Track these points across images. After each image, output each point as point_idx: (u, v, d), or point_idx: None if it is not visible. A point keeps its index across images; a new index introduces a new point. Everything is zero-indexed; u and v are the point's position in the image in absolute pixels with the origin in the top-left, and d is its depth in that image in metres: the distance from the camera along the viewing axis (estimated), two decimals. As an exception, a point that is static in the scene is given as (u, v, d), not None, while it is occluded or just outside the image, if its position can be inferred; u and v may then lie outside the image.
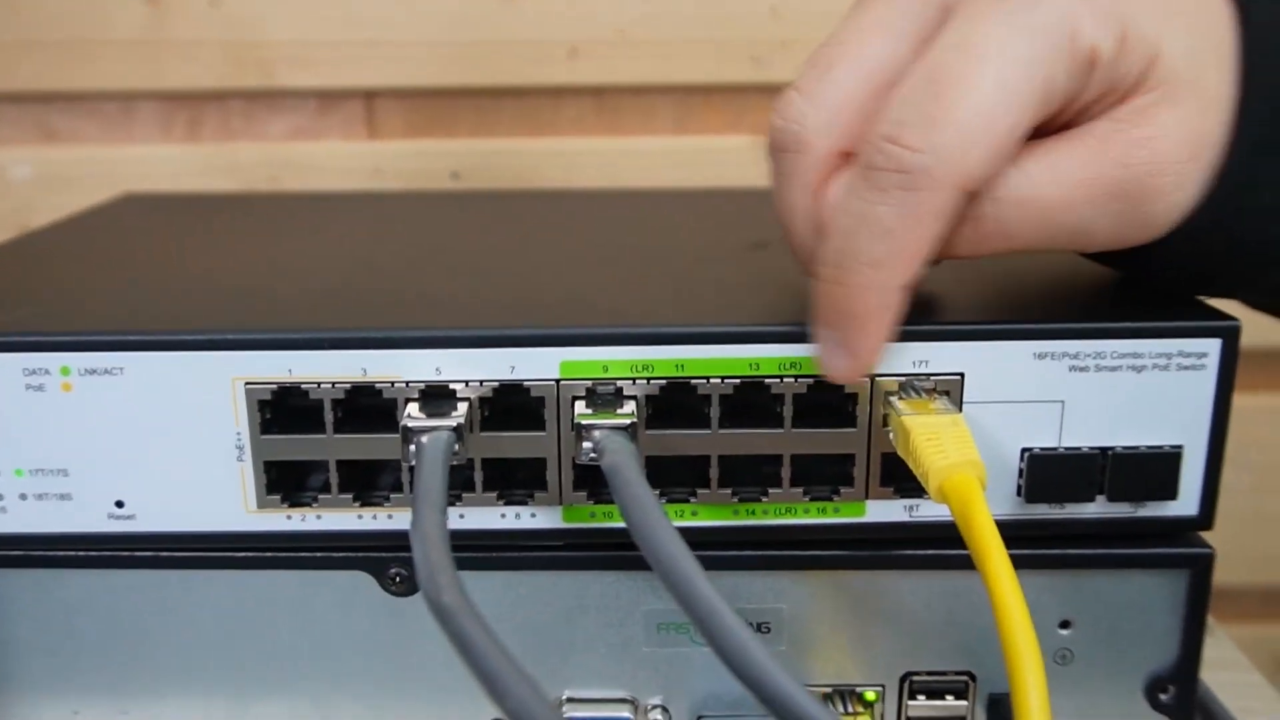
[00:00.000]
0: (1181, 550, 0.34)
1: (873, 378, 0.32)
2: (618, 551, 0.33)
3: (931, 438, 0.29)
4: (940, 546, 0.33)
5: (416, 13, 0.66)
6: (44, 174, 0.68)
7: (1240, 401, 0.60)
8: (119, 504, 0.33)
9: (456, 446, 0.30)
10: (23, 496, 0.33)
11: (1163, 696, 0.35)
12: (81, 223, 0.49)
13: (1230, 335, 0.32)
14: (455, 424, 0.31)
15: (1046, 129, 0.30)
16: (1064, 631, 0.35)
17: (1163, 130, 0.29)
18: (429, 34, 0.66)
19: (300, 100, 0.68)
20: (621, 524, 0.28)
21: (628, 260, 0.42)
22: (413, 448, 0.30)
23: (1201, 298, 0.34)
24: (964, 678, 0.35)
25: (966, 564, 0.28)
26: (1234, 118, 0.30)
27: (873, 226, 0.28)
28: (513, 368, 0.32)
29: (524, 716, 0.21)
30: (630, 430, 0.30)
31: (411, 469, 0.31)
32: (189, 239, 0.47)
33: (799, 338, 0.31)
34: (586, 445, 0.31)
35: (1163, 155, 0.29)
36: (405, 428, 0.30)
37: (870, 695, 0.35)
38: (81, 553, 0.34)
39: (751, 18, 0.66)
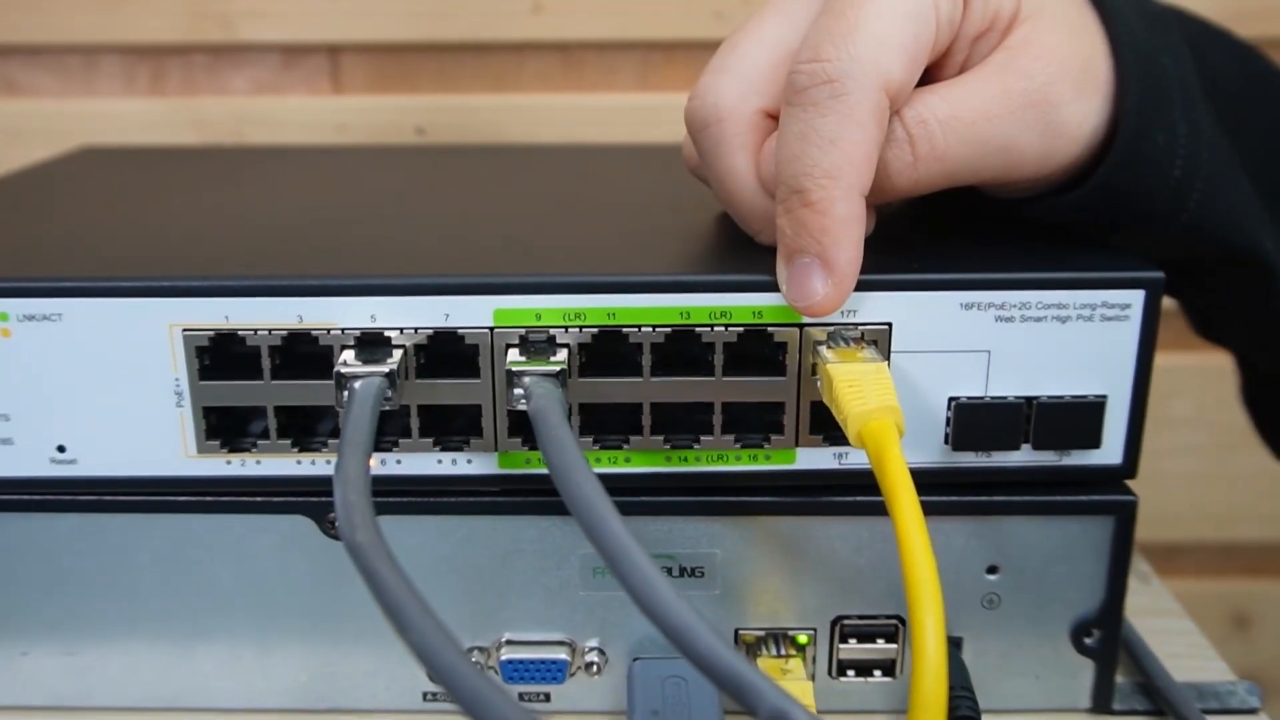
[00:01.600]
0: (1105, 498, 0.34)
1: (801, 326, 0.32)
2: (553, 497, 0.34)
3: (853, 385, 0.30)
4: (868, 493, 0.34)
5: (379, -34, 0.66)
6: (6, 127, 0.68)
7: (1200, 360, 0.61)
8: (61, 449, 0.34)
9: (389, 393, 0.31)
10: (-35, 441, 0.33)
11: (1087, 640, 0.36)
12: (35, 174, 0.49)
13: (1153, 287, 0.33)
14: (388, 370, 0.31)
15: (944, 75, 0.33)
16: (991, 577, 0.35)
17: (1047, 48, 0.32)
18: (392, -12, 0.66)
19: (263, 54, 0.68)
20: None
21: (571, 212, 0.42)
22: (346, 393, 0.31)
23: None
24: (894, 621, 0.36)
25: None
26: (1114, 63, 0.33)
27: (819, 139, 0.30)
28: (447, 315, 0.32)
29: (426, 651, 0.21)
30: (558, 377, 0.31)
31: (346, 414, 0.31)
32: (140, 190, 0.47)
33: (729, 287, 0.32)
34: (517, 391, 0.31)
35: (1055, 64, 0.32)
36: (339, 374, 0.31)
37: (802, 638, 0.36)
38: (24, 497, 0.34)
39: (714, -27, 0.66)
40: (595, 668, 0.36)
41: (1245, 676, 0.38)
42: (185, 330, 0.32)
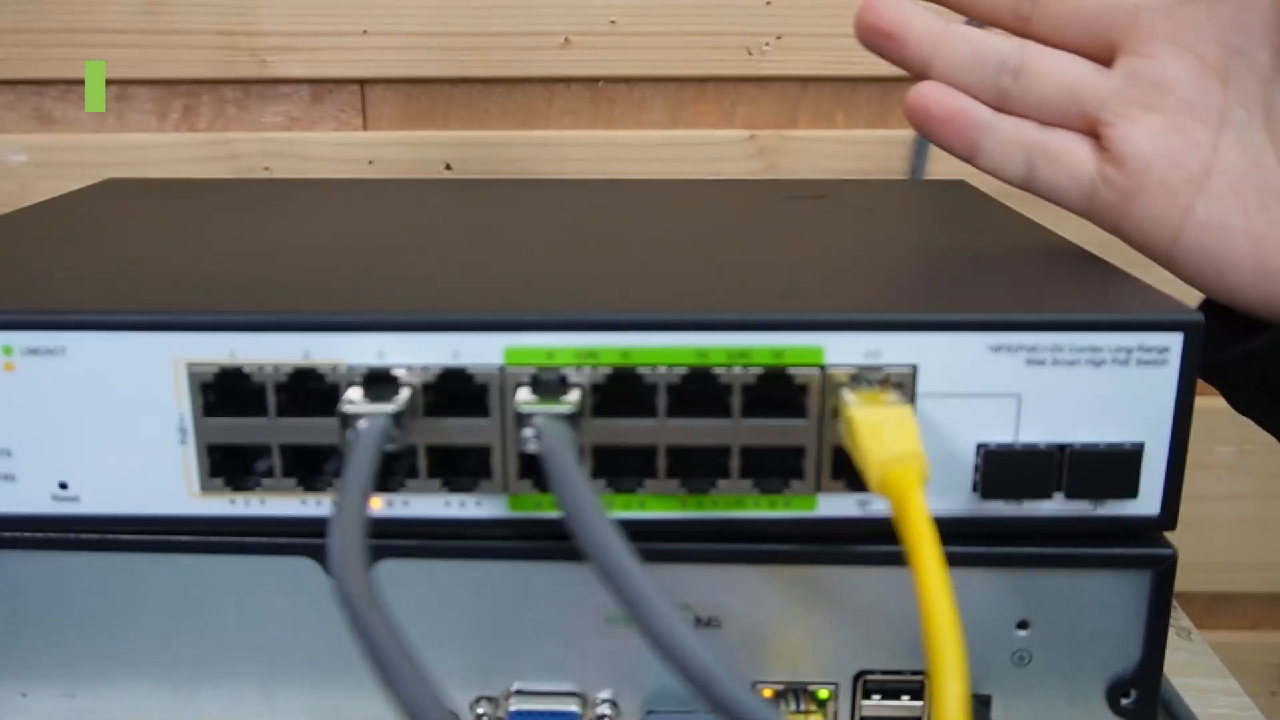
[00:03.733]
0: (1143, 550, 0.33)
1: (823, 368, 0.31)
2: (565, 541, 0.33)
3: (875, 430, 0.29)
4: (893, 542, 0.32)
5: (409, 2, 0.66)
6: (39, 160, 0.68)
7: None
8: (63, 485, 0.33)
9: (394, 433, 0.30)
10: (-33, 477, 0.33)
11: (1124, 701, 0.34)
12: (54, 206, 0.49)
13: (1193, 329, 0.31)
14: (395, 410, 0.30)
15: None
16: (1022, 632, 0.34)
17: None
18: (422, 24, 0.66)
19: (293, 89, 0.68)
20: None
21: (590, 249, 0.41)
22: (350, 433, 0.30)
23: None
24: (920, 677, 0.34)
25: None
26: None
27: None
28: (456, 353, 0.31)
29: (411, 707, 0.20)
30: (571, 418, 0.30)
31: (351, 454, 0.30)
32: (157, 223, 0.46)
33: (749, 326, 0.31)
34: (527, 432, 0.30)
35: None
36: (343, 413, 0.30)
37: (823, 694, 0.34)
38: (26, 534, 0.33)
39: (745, 9, 0.65)
40: (608, 720, 0.34)
41: (1294, 737, 0.36)
42: (190, 366, 0.31)
